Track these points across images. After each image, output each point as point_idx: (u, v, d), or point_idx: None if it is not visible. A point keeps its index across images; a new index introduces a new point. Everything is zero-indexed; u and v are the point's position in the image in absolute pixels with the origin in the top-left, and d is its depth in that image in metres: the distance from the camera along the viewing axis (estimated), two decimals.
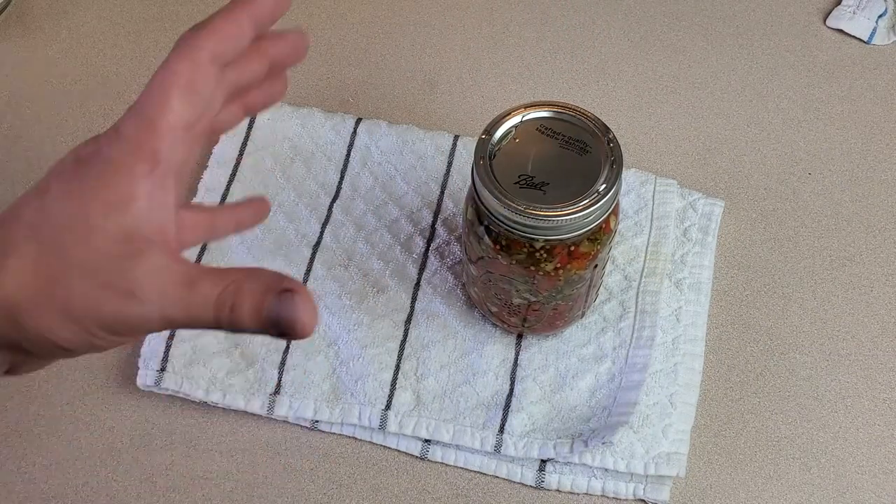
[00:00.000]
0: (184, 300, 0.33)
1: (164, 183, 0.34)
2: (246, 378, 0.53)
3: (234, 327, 0.33)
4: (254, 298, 0.33)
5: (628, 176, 0.59)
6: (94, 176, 0.33)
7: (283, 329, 0.33)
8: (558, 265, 0.46)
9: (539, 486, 0.51)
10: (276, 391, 0.53)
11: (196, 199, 0.59)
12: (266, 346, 0.54)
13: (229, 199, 0.59)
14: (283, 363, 0.53)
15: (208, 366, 0.53)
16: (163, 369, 0.53)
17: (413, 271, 0.57)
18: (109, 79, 0.66)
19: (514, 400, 0.52)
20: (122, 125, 0.34)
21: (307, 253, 0.57)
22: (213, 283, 0.33)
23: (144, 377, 0.53)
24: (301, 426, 0.53)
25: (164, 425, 0.53)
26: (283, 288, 0.33)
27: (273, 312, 0.33)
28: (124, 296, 0.32)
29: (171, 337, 0.54)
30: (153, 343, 0.54)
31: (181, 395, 0.53)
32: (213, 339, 0.54)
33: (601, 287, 0.55)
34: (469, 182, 0.47)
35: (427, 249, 0.57)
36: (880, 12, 0.67)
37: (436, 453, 0.52)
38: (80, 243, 0.33)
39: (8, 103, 0.65)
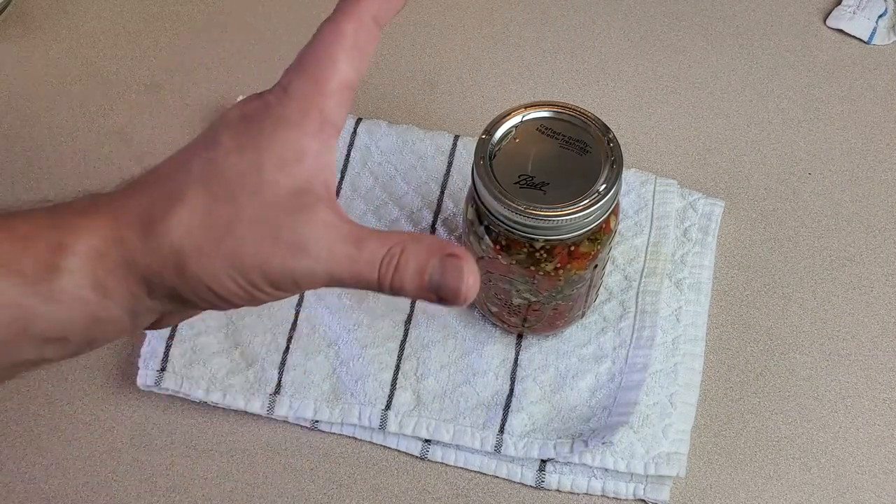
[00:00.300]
0: (350, 258, 0.33)
1: (329, 141, 0.35)
2: (246, 378, 0.53)
3: (395, 290, 0.34)
4: (418, 261, 0.33)
5: (628, 176, 0.59)
6: (266, 131, 0.34)
7: (445, 294, 0.33)
8: (558, 265, 0.46)
9: (539, 486, 0.51)
10: (276, 391, 0.53)
11: None
12: (266, 347, 0.54)
13: None
14: (283, 363, 0.53)
15: (208, 365, 0.53)
16: (163, 369, 0.53)
17: None
18: (109, 79, 0.66)
19: (514, 400, 0.52)
20: (289, 84, 0.34)
21: None
22: (380, 243, 0.33)
23: (144, 377, 0.53)
24: (301, 426, 0.53)
25: (164, 425, 0.53)
26: (447, 252, 0.33)
27: (436, 276, 0.33)
28: (294, 249, 0.33)
29: (171, 337, 0.54)
30: (153, 343, 0.54)
31: (181, 395, 0.53)
32: (213, 339, 0.54)
33: (601, 287, 0.55)
34: (469, 182, 0.47)
35: None
36: (880, 12, 0.67)
37: (436, 453, 0.52)
38: (253, 196, 0.33)
39: (8, 103, 0.65)
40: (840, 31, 0.67)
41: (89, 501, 0.51)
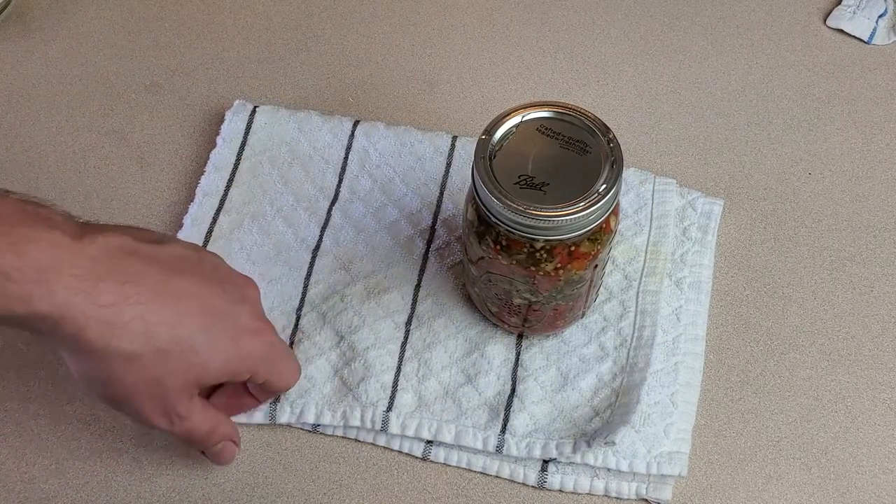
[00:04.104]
0: (189, 429, 0.47)
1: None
2: None
3: (194, 446, 0.50)
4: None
5: (627, 175, 0.59)
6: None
7: (210, 459, 0.51)
8: (558, 265, 0.46)
9: (541, 487, 0.51)
10: (277, 399, 0.52)
11: (194, 204, 0.59)
12: None
13: (227, 204, 0.59)
14: None
15: None
16: None
17: (413, 272, 0.57)
18: (109, 79, 0.66)
19: (515, 400, 0.52)
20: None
21: (307, 257, 0.57)
22: (206, 424, 0.48)
23: None
24: (303, 429, 0.53)
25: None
26: (227, 439, 0.50)
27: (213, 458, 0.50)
28: (162, 413, 0.45)
29: None
30: None
31: None
32: None
33: (601, 287, 0.55)
34: (469, 182, 0.47)
35: (427, 250, 0.57)
36: (880, 12, 0.67)
37: (438, 454, 0.52)
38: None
39: (8, 103, 0.65)
40: (840, 30, 0.67)
41: (89, 501, 0.51)
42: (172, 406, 0.45)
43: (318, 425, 0.53)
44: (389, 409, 0.52)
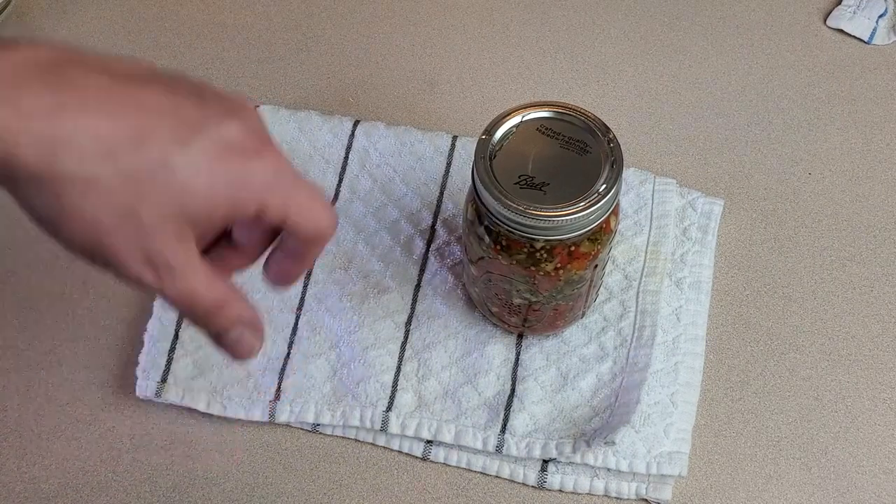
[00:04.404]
0: (183, 291, 0.35)
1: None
2: (245, 387, 0.53)
3: (198, 325, 0.37)
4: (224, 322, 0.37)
5: (627, 175, 0.59)
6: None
7: (224, 349, 0.38)
8: (558, 265, 0.46)
9: (541, 487, 0.51)
10: (276, 397, 0.52)
11: None
12: (267, 355, 0.54)
13: None
14: (283, 369, 0.53)
15: (209, 377, 0.53)
16: (164, 380, 0.53)
17: (413, 272, 0.57)
18: None
19: (515, 400, 0.52)
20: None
21: None
22: (211, 294, 0.36)
23: (144, 388, 0.53)
24: (302, 428, 0.53)
25: (164, 425, 0.53)
26: (244, 325, 0.38)
27: (228, 341, 0.38)
28: (144, 259, 0.34)
29: (172, 349, 0.54)
30: (153, 353, 0.54)
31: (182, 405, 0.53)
32: (214, 350, 0.54)
33: (601, 287, 0.55)
34: (469, 182, 0.47)
35: (427, 250, 0.57)
36: (880, 12, 0.67)
37: (438, 454, 0.52)
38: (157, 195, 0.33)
39: None
40: (840, 30, 0.67)
41: (89, 501, 0.51)
42: (156, 249, 0.34)
43: (318, 425, 0.53)
44: (389, 408, 0.52)
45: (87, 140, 0.32)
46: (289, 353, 0.54)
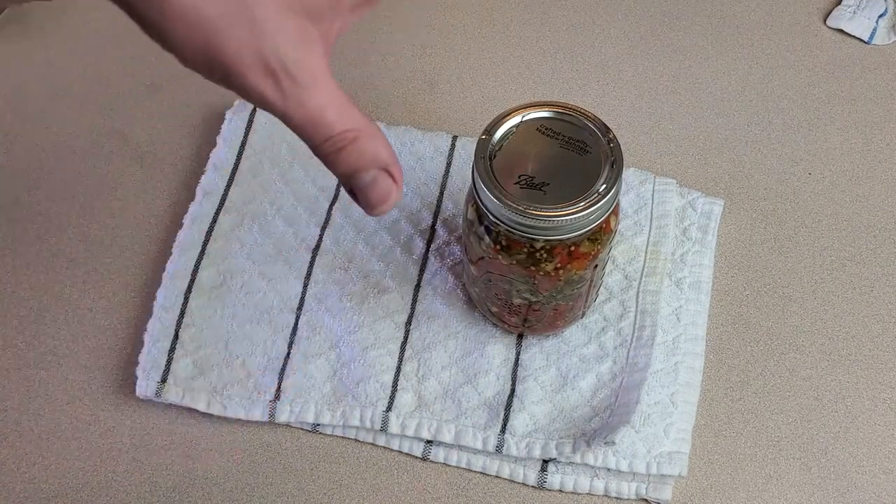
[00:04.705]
0: (312, 112, 0.30)
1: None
2: (245, 387, 0.53)
3: (326, 163, 0.32)
4: (360, 160, 0.32)
5: (627, 175, 0.59)
6: None
7: (361, 201, 0.33)
8: (558, 265, 0.46)
9: (541, 487, 0.51)
10: (276, 397, 0.53)
11: (194, 203, 0.59)
12: (267, 355, 0.54)
13: (227, 204, 0.59)
14: (283, 369, 0.53)
15: (209, 377, 0.53)
16: (164, 380, 0.53)
17: (413, 272, 0.57)
18: (109, 79, 0.66)
19: (515, 400, 0.52)
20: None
21: (307, 257, 0.57)
22: (343, 118, 0.31)
23: (144, 388, 0.53)
24: (302, 429, 0.53)
25: (164, 425, 0.53)
26: (386, 168, 0.32)
27: (364, 183, 0.32)
28: (263, 67, 0.28)
29: (172, 349, 0.54)
30: (153, 353, 0.54)
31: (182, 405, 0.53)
32: (214, 351, 0.54)
33: (601, 287, 0.55)
34: (469, 182, 0.47)
35: (427, 250, 0.57)
36: (880, 12, 0.67)
37: (438, 454, 0.52)
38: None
39: (8, 103, 0.65)
40: (840, 30, 0.67)
41: (89, 501, 0.51)
42: (276, 51, 0.29)
43: (318, 425, 0.53)
44: (389, 408, 0.52)
45: None
46: (289, 353, 0.54)
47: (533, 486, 0.51)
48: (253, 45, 0.28)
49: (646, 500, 0.51)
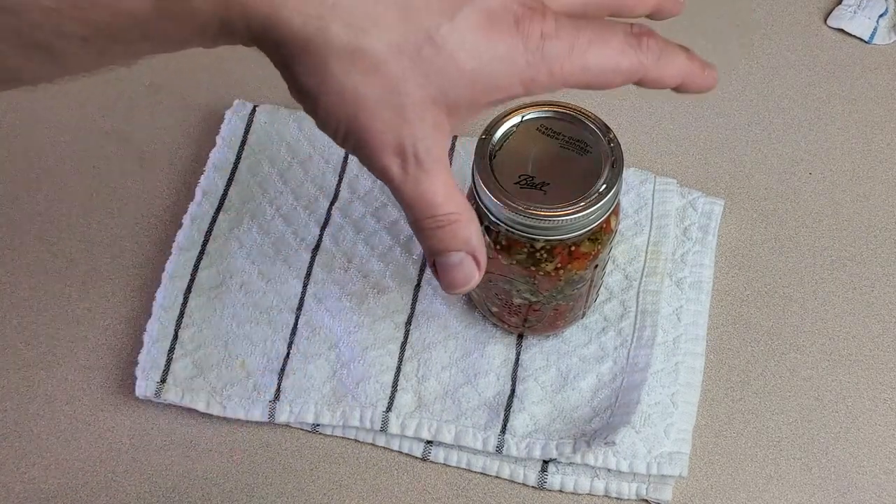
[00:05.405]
0: (424, 192, 0.34)
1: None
2: (245, 388, 0.53)
3: (421, 234, 0.36)
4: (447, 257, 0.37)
5: (627, 175, 0.59)
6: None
7: (439, 280, 0.37)
8: (559, 265, 0.46)
9: (541, 487, 0.51)
10: (276, 397, 0.52)
11: (193, 203, 0.58)
12: (267, 355, 0.54)
13: (226, 203, 0.59)
14: (283, 369, 0.53)
15: (208, 378, 0.53)
16: (163, 381, 0.53)
17: (413, 272, 0.56)
18: (109, 79, 0.66)
19: (515, 400, 0.52)
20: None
21: (306, 257, 0.57)
22: (447, 204, 0.35)
23: (144, 388, 0.53)
24: (302, 429, 0.53)
25: (163, 425, 0.53)
26: (469, 251, 0.36)
27: (437, 270, 0.37)
28: (396, 148, 0.32)
29: (171, 350, 0.54)
30: (153, 353, 0.53)
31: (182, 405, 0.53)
32: (214, 351, 0.54)
33: (602, 287, 0.55)
34: (469, 182, 0.46)
35: None
36: (881, 12, 0.67)
37: (438, 454, 0.52)
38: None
39: (8, 103, 0.65)
40: (841, 30, 0.67)
41: (88, 502, 0.51)
42: (412, 138, 0.31)
43: (318, 425, 0.53)
44: (389, 409, 0.52)
45: (355, 6, 0.30)
46: (288, 354, 0.54)
47: (533, 487, 0.51)
48: (395, 129, 0.31)
49: (646, 500, 0.51)
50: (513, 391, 0.53)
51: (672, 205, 0.58)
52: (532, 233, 0.44)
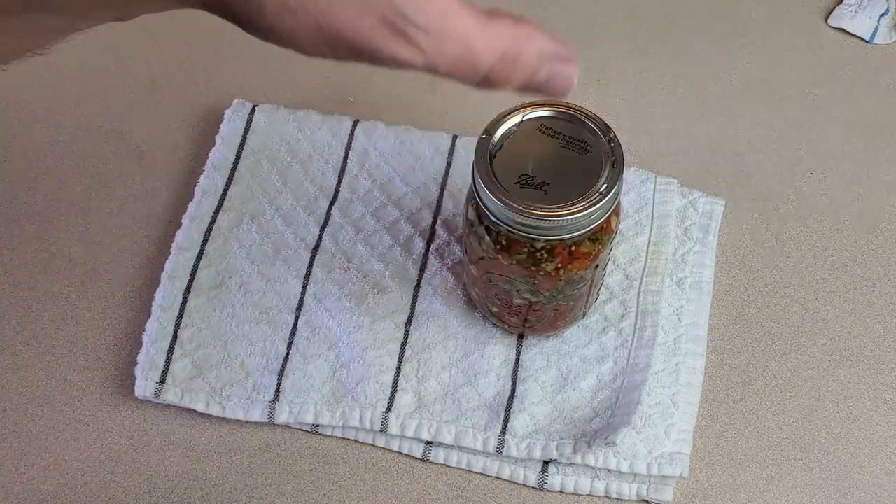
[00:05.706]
0: (456, 57, 0.28)
1: None
2: (244, 388, 0.53)
3: (500, 85, 0.31)
4: (530, 67, 0.31)
5: (628, 175, 0.58)
6: None
7: (548, 93, 0.32)
8: (559, 265, 0.46)
9: (542, 488, 0.51)
10: (276, 398, 0.52)
11: (193, 203, 0.58)
12: (266, 355, 0.54)
13: (226, 203, 0.59)
14: (282, 369, 0.53)
15: (207, 378, 0.53)
16: (162, 381, 0.53)
17: (413, 272, 0.56)
18: (109, 79, 0.66)
19: (515, 401, 0.52)
20: None
21: (306, 256, 0.57)
22: (491, 48, 0.29)
23: (143, 388, 0.52)
24: (301, 429, 0.53)
25: (162, 426, 0.53)
26: (559, 56, 0.30)
27: (543, 80, 0.31)
28: (387, 28, 0.27)
29: (171, 350, 0.54)
30: (152, 353, 0.53)
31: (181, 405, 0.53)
32: (213, 351, 0.54)
33: (602, 287, 0.55)
34: (469, 182, 0.46)
35: (427, 250, 0.57)
36: (882, 11, 0.67)
37: (438, 455, 0.52)
38: None
39: (8, 103, 0.64)
40: (841, 30, 0.67)
41: (87, 502, 0.51)
42: (386, 2, 0.27)
43: (317, 426, 0.53)
44: (389, 409, 0.52)
45: None
46: (288, 354, 0.54)
47: (533, 488, 0.51)
48: (363, 9, 0.27)
49: (647, 501, 0.51)
50: (513, 391, 0.53)
51: (673, 205, 0.58)
52: (532, 233, 0.44)
